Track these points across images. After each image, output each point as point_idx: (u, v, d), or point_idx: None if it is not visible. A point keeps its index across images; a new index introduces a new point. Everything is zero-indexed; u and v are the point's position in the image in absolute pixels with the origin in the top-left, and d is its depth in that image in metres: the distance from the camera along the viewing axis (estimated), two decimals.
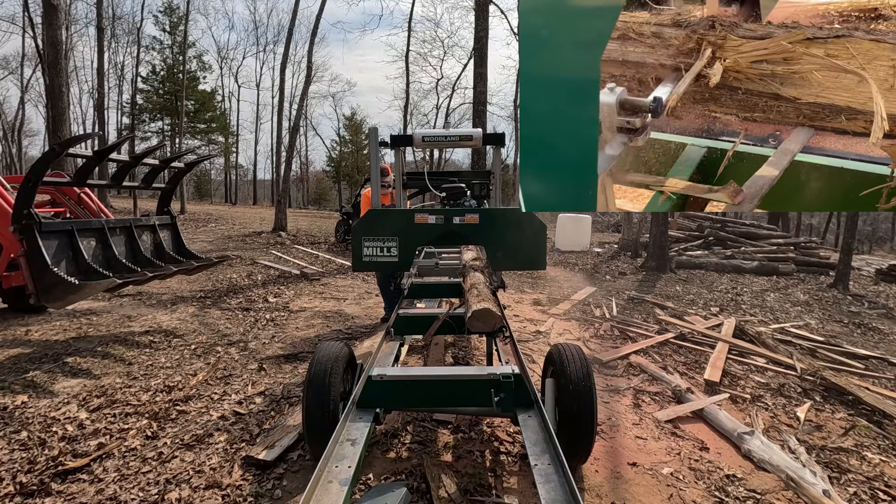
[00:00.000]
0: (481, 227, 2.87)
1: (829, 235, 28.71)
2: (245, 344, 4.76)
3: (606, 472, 2.66)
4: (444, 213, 2.90)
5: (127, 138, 26.45)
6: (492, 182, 4.10)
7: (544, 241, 2.90)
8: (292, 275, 8.53)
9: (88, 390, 3.55)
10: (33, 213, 4.04)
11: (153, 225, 5.58)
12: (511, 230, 2.88)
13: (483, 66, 11.74)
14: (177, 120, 28.70)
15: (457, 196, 3.73)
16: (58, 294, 4.05)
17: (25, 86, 30.91)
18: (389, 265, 2.93)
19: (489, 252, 3.00)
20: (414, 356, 4.43)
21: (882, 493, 2.71)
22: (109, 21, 28.84)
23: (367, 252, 2.88)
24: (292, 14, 16.34)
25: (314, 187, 45.48)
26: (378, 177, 3.27)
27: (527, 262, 3.01)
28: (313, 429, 2.30)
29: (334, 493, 1.63)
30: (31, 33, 21.24)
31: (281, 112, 17.81)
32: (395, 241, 2.87)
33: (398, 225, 2.89)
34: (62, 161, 7.43)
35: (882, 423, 3.60)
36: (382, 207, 3.83)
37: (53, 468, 2.53)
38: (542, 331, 5.48)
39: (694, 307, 7.21)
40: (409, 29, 26.34)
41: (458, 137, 3.39)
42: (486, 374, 2.33)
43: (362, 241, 2.89)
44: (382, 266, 2.94)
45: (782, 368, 4.59)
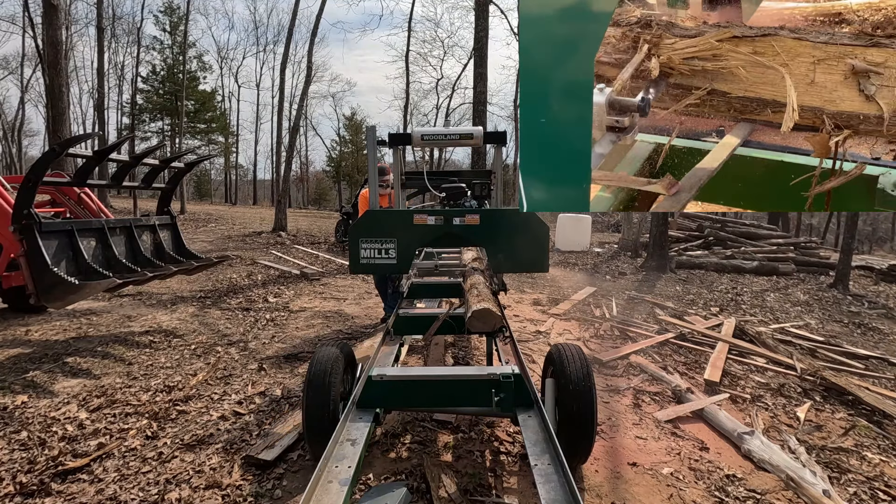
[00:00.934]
0: (482, 228, 2.82)
1: (829, 235, 28.71)
2: (245, 344, 4.76)
3: (606, 472, 2.66)
4: (443, 214, 2.84)
5: (127, 138, 26.44)
6: (493, 182, 3.98)
7: (547, 243, 2.85)
8: (292, 275, 8.53)
9: (88, 390, 3.55)
10: (33, 213, 4.04)
11: (153, 225, 5.58)
12: (513, 231, 2.83)
13: (483, 66, 11.74)
14: (177, 120, 28.70)
15: (457, 196, 3.66)
16: (58, 294, 4.05)
17: (25, 86, 30.94)
18: (387, 268, 2.86)
19: (490, 254, 2.94)
20: (414, 356, 4.43)
21: (882, 493, 2.71)
22: (109, 21, 28.84)
23: (364, 254, 2.82)
24: (292, 14, 16.36)
25: (314, 187, 45.48)
26: (376, 177, 3.21)
27: (529, 265, 2.94)
28: (313, 429, 2.30)
29: (334, 493, 1.63)
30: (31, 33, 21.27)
31: (281, 112, 17.82)
32: (393, 243, 2.81)
33: (396, 226, 2.83)
34: (62, 161, 7.43)
35: (882, 423, 3.60)
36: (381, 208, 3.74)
37: (53, 468, 2.53)
38: (542, 331, 5.48)
39: (694, 307, 7.21)
40: (410, 29, 26.38)
41: (458, 136, 3.30)
42: (486, 374, 2.33)
43: (360, 242, 2.82)
44: (380, 269, 2.88)
45: (782, 368, 4.59)
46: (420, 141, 3.18)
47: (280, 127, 18.38)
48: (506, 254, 2.84)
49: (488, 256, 2.98)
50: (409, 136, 3.24)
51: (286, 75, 17.67)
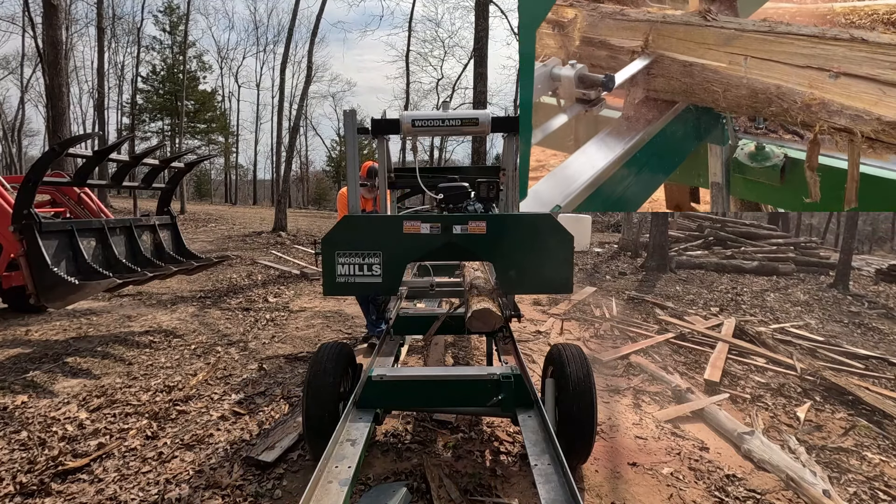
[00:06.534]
0: (489, 237, 2.30)
1: (829, 235, 28.70)
2: (245, 344, 4.76)
3: (606, 472, 2.66)
4: (441, 221, 2.33)
5: (127, 138, 26.47)
6: (503, 180, 3.15)
7: (571, 256, 2.31)
8: (292, 275, 8.52)
9: (88, 390, 3.55)
10: (33, 213, 4.04)
11: (153, 225, 5.58)
12: (528, 242, 2.30)
13: (483, 66, 11.74)
14: (177, 120, 28.70)
15: (458, 198, 2.92)
16: (58, 294, 4.05)
17: (25, 86, 30.90)
18: (370, 287, 2.32)
19: (499, 270, 2.37)
20: (414, 356, 4.43)
21: (882, 493, 2.71)
22: (109, 21, 28.83)
23: (342, 271, 2.29)
24: (292, 14, 16.37)
25: (314, 187, 45.44)
26: (356, 171, 2.62)
27: (548, 284, 2.37)
28: (313, 429, 2.29)
29: (334, 493, 1.63)
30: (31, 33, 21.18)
31: (281, 112, 17.82)
32: (377, 257, 2.29)
33: (382, 236, 2.31)
34: (62, 161, 7.43)
35: (882, 423, 3.60)
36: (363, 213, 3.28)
37: (53, 468, 2.53)
38: (542, 331, 5.48)
39: (694, 307, 7.21)
40: (410, 29, 26.38)
41: (459, 121, 2.64)
42: (486, 374, 2.33)
43: (335, 256, 2.28)
44: (361, 289, 2.33)
45: (782, 368, 4.59)
46: (411, 128, 2.58)
47: (280, 127, 18.40)
48: (519, 270, 2.32)
49: (497, 274, 2.42)
50: (396, 123, 2.64)
51: (286, 75, 17.68)
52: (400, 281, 2.37)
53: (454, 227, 2.32)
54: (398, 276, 2.34)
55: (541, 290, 2.66)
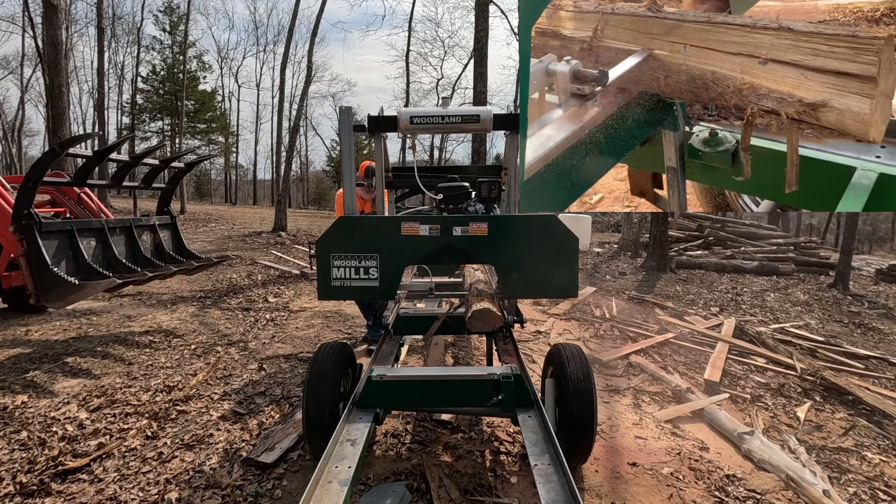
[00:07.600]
0: (491, 240, 2.24)
1: (828, 235, 28.70)
2: (245, 344, 4.76)
3: (606, 472, 2.66)
4: (440, 222, 2.27)
5: (127, 138, 26.45)
6: (504, 180, 3.11)
7: (576, 259, 2.27)
8: (292, 275, 8.52)
9: (88, 390, 3.55)
10: (33, 213, 4.04)
11: (153, 225, 5.58)
12: (531, 244, 2.25)
13: (483, 66, 11.74)
14: (177, 120, 28.71)
15: (458, 199, 2.88)
16: (58, 294, 4.05)
17: (25, 86, 30.91)
18: (367, 292, 2.27)
19: (501, 273, 2.32)
20: (414, 356, 4.43)
21: (882, 493, 2.71)
22: (109, 21, 28.87)
23: (337, 274, 2.23)
24: (292, 14, 16.37)
25: (314, 187, 45.46)
26: (352, 171, 2.58)
27: (552, 288, 2.32)
28: (313, 429, 2.29)
29: (334, 494, 1.63)
30: (31, 33, 21.19)
31: (281, 112, 17.83)
32: (374, 260, 2.23)
33: (379, 238, 2.25)
34: (62, 161, 7.43)
35: (882, 423, 3.60)
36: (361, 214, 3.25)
37: (53, 468, 2.53)
38: (542, 331, 5.48)
39: (694, 307, 7.21)
40: (410, 29, 26.39)
41: (459, 118, 2.57)
42: (486, 374, 2.33)
43: (331, 258, 2.23)
44: (357, 293, 2.29)
45: (782, 368, 4.59)
46: (409, 125, 2.54)
47: (280, 127, 18.41)
48: (522, 274, 2.26)
49: (499, 277, 2.37)
50: (394, 120, 2.60)
51: (286, 75, 17.70)
52: (398, 284, 2.31)
53: (454, 228, 2.26)
54: (396, 280, 2.28)
55: (545, 295, 2.63)
